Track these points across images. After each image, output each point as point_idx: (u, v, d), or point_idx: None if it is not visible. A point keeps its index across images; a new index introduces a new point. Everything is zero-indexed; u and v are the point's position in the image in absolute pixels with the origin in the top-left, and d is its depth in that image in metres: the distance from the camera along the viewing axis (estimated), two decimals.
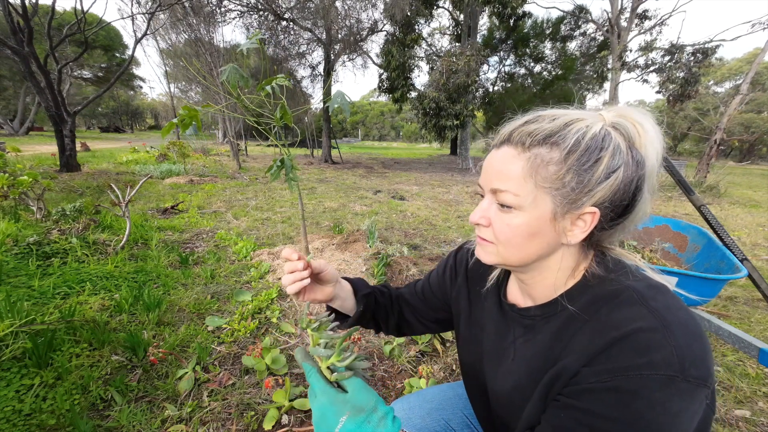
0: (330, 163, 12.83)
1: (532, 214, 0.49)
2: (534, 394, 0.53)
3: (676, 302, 0.47)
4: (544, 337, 0.55)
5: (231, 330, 1.90)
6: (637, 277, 0.50)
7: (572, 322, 0.51)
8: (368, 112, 59.40)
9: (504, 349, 0.63)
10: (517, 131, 0.50)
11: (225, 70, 1.94)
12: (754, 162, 26.84)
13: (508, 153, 0.50)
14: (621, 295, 0.48)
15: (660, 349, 0.41)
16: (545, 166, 0.47)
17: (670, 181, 7.55)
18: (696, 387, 0.41)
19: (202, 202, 5.08)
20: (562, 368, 0.49)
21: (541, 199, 0.48)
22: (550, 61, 18.03)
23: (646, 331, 0.42)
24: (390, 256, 2.78)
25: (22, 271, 2.17)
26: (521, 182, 0.49)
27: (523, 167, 0.48)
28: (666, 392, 0.40)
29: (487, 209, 0.53)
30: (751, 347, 1.19)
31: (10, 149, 5.00)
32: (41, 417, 1.25)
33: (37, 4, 6.51)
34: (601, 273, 0.52)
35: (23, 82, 21.14)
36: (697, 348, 0.42)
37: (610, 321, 0.46)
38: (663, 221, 2.04)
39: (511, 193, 0.49)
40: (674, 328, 0.42)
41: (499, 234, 0.52)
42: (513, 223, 0.50)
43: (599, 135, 0.47)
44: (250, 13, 11.17)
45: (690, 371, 0.40)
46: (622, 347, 0.43)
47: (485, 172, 0.54)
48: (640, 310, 0.45)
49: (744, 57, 29.25)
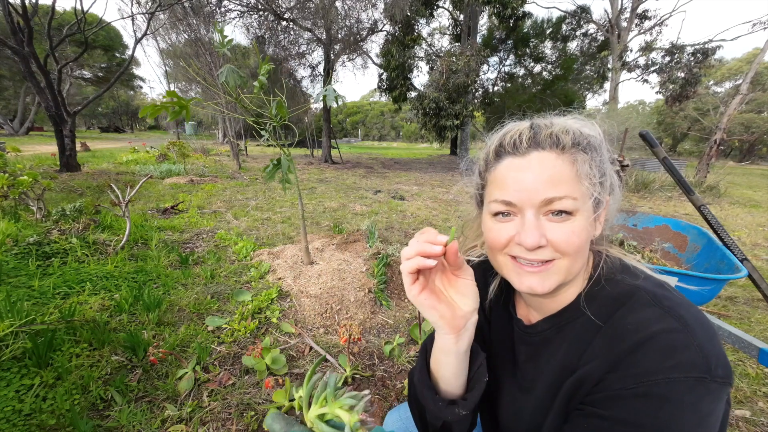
0: (330, 163, 12.83)
1: (587, 216, 0.47)
2: (554, 404, 0.51)
3: (685, 300, 0.46)
4: (558, 347, 0.52)
5: (231, 330, 1.90)
6: (640, 276, 0.49)
7: (587, 329, 0.49)
8: (368, 112, 59.40)
9: (516, 368, 0.60)
10: (545, 134, 0.48)
11: (222, 71, 1.94)
12: (754, 162, 26.84)
13: (548, 157, 0.46)
14: (633, 297, 0.46)
15: (685, 350, 0.40)
16: (584, 166, 0.47)
17: (670, 181, 7.55)
18: (723, 386, 0.40)
19: (202, 202, 5.08)
20: (584, 376, 0.46)
21: (588, 201, 0.47)
22: (550, 61, 18.03)
23: (669, 332, 0.41)
24: (390, 256, 2.78)
25: (22, 271, 2.17)
26: (576, 184, 0.46)
27: (571, 169, 0.46)
28: (696, 395, 0.39)
29: (540, 226, 0.46)
30: (751, 347, 1.19)
31: (10, 149, 5.00)
32: (41, 417, 1.25)
33: (37, 4, 6.51)
34: (608, 274, 0.51)
35: (23, 82, 21.14)
36: (717, 344, 0.41)
37: (628, 324, 0.44)
38: (663, 221, 2.04)
39: (570, 197, 0.45)
40: (694, 326, 0.41)
41: (568, 246, 0.46)
42: (577, 230, 0.46)
43: (598, 136, 0.49)
44: (250, 13, 11.16)
45: (717, 371, 0.39)
46: (646, 351, 0.41)
47: (518, 183, 0.47)
48: (656, 312, 0.44)
49: (744, 57, 29.24)
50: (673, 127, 27.22)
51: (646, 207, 6.24)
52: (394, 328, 2.05)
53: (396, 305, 2.29)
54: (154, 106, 1.64)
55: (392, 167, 12.51)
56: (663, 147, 1.45)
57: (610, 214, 0.53)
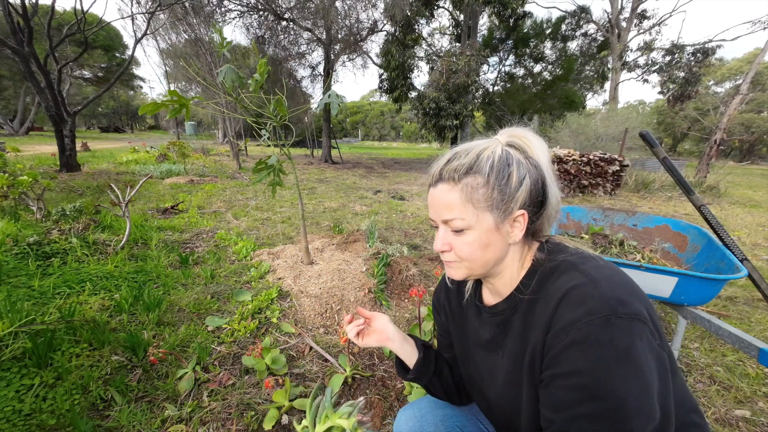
0: (330, 163, 12.82)
1: (480, 230, 0.59)
2: (523, 377, 0.59)
3: (604, 263, 0.56)
4: (515, 326, 0.63)
5: (231, 330, 1.90)
6: (572, 252, 0.60)
7: (531, 304, 0.59)
8: (368, 112, 59.37)
9: (490, 351, 0.69)
10: (445, 170, 0.60)
11: (222, 71, 1.93)
12: (754, 162, 26.83)
13: (444, 188, 0.60)
14: (559, 268, 0.57)
15: (590, 298, 0.49)
16: (476, 191, 0.58)
17: (670, 181, 7.55)
18: (630, 321, 0.47)
19: (202, 202, 5.08)
20: (534, 345, 0.56)
21: (482, 217, 0.59)
22: (551, 61, 18.01)
23: (578, 287, 0.51)
24: (390, 256, 2.79)
25: (22, 271, 2.17)
26: (463, 208, 0.58)
27: (460, 197, 0.58)
28: (608, 332, 0.47)
29: (444, 236, 0.63)
30: (751, 347, 1.19)
31: (10, 149, 5.00)
32: (41, 417, 1.25)
33: (37, 4, 6.50)
34: (543, 256, 0.62)
35: (23, 82, 21.13)
36: (621, 292, 0.50)
37: (553, 289, 0.55)
38: (663, 221, 2.04)
39: (458, 218, 0.59)
40: (599, 280, 0.51)
41: (461, 253, 0.61)
42: (468, 241, 0.60)
43: (503, 156, 0.58)
44: (250, 13, 11.16)
45: (619, 309, 0.48)
46: (564, 306, 0.51)
47: (432, 207, 0.63)
48: (573, 274, 0.54)
49: (744, 57, 29.23)
50: (673, 127, 27.21)
51: (646, 207, 6.24)
52: None
53: (396, 305, 2.29)
54: (154, 104, 1.63)
55: (392, 167, 12.51)
56: (663, 147, 1.45)
57: (550, 216, 0.63)
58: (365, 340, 0.82)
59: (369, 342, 0.82)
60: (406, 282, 2.51)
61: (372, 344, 0.82)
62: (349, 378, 1.59)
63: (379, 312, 0.84)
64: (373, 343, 0.82)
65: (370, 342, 0.82)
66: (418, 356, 0.82)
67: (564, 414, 0.49)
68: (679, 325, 1.53)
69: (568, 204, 2.60)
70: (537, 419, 0.57)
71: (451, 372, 0.86)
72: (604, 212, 2.26)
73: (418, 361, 0.81)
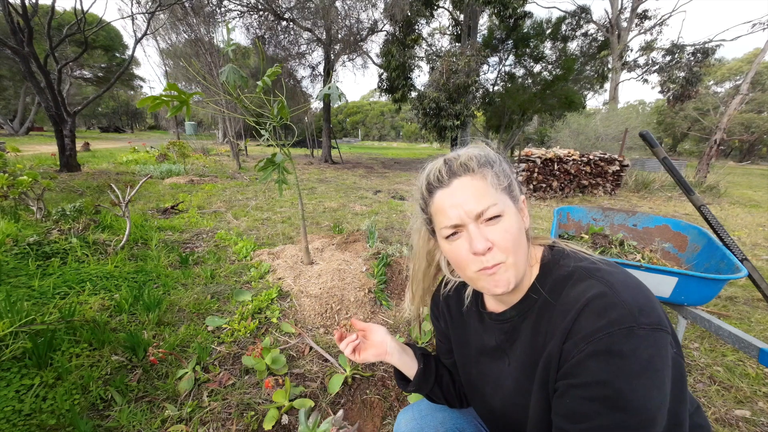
0: (330, 163, 12.83)
1: (511, 213, 0.58)
2: (533, 385, 0.58)
3: (615, 269, 0.55)
4: (525, 333, 0.62)
5: (231, 330, 1.90)
6: (580, 258, 0.60)
7: (544, 311, 0.58)
8: (368, 112, 59.32)
9: (496, 359, 0.68)
10: (457, 165, 0.60)
11: (224, 71, 1.93)
12: (754, 162, 26.82)
13: (466, 180, 0.58)
14: (574, 275, 0.56)
15: (613, 307, 0.48)
16: (494, 177, 0.58)
17: (670, 181, 7.55)
18: (653, 331, 0.46)
19: (202, 202, 5.08)
20: (549, 353, 0.54)
21: (507, 201, 0.58)
22: (551, 61, 17.98)
23: (599, 297, 0.50)
24: (390, 256, 2.78)
25: (22, 271, 2.17)
26: (492, 193, 0.57)
27: (484, 183, 0.58)
28: (631, 343, 0.46)
29: (481, 233, 0.56)
30: (751, 347, 1.19)
31: (10, 149, 5.00)
32: (41, 417, 1.25)
33: (37, 4, 6.50)
34: (551, 259, 0.62)
35: (23, 82, 21.13)
36: (640, 298, 0.49)
37: (571, 298, 0.54)
38: (663, 221, 2.04)
39: (493, 204, 0.56)
40: (619, 288, 0.50)
41: (506, 242, 0.56)
42: (506, 227, 0.57)
43: (492, 153, 0.62)
44: (250, 13, 11.16)
45: (642, 319, 0.47)
46: (585, 316, 0.50)
47: (456, 207, 0.58)
48: (590, 282, 0.53)
49: (744, 57, 29.21)
50: (673, 127, 27.19)
51: (646, 207, 6.24)
52: (394, 328, 2.05)
53: (396, 305, 2.29)
54: (154, 98, 1.63)
55: (392, 167, 12.51)
56: (663, 147, 1.45)
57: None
58: (363, 355, 0.78)
59: (367, 357, 0.78)
60: (406, 282, 2.51)
61: (370, 359, 0.78)
62: (349, 378, 1.59)
63: (376, 318, 0.82)
64: (371, 358, 0.78)
65: (368, 357, 0.78)
66: (418, 367, 0.80)
67: (581, 425, 0.48)
68: (679, 325, 1.53)
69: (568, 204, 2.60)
70: (544, 428, 0.56)
71: (452, 378, 0.84)
72: (604, 212, 2.26)
73: (419, 373, 0.79)
